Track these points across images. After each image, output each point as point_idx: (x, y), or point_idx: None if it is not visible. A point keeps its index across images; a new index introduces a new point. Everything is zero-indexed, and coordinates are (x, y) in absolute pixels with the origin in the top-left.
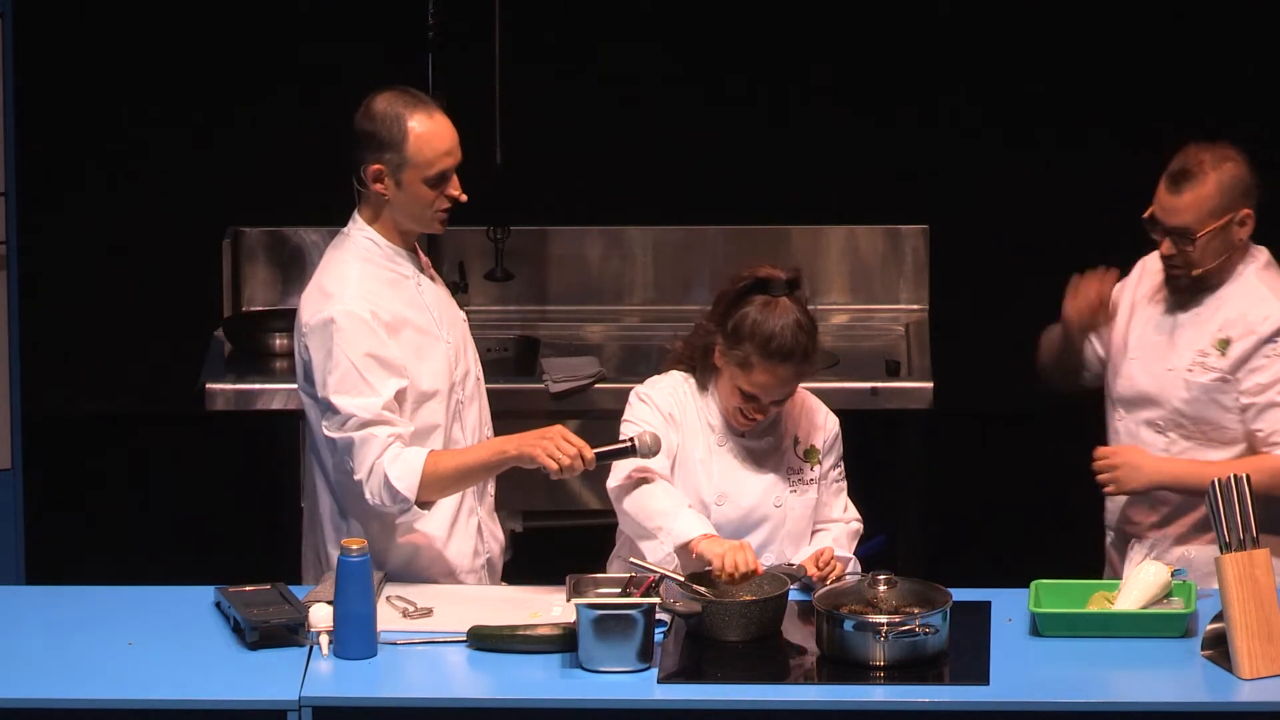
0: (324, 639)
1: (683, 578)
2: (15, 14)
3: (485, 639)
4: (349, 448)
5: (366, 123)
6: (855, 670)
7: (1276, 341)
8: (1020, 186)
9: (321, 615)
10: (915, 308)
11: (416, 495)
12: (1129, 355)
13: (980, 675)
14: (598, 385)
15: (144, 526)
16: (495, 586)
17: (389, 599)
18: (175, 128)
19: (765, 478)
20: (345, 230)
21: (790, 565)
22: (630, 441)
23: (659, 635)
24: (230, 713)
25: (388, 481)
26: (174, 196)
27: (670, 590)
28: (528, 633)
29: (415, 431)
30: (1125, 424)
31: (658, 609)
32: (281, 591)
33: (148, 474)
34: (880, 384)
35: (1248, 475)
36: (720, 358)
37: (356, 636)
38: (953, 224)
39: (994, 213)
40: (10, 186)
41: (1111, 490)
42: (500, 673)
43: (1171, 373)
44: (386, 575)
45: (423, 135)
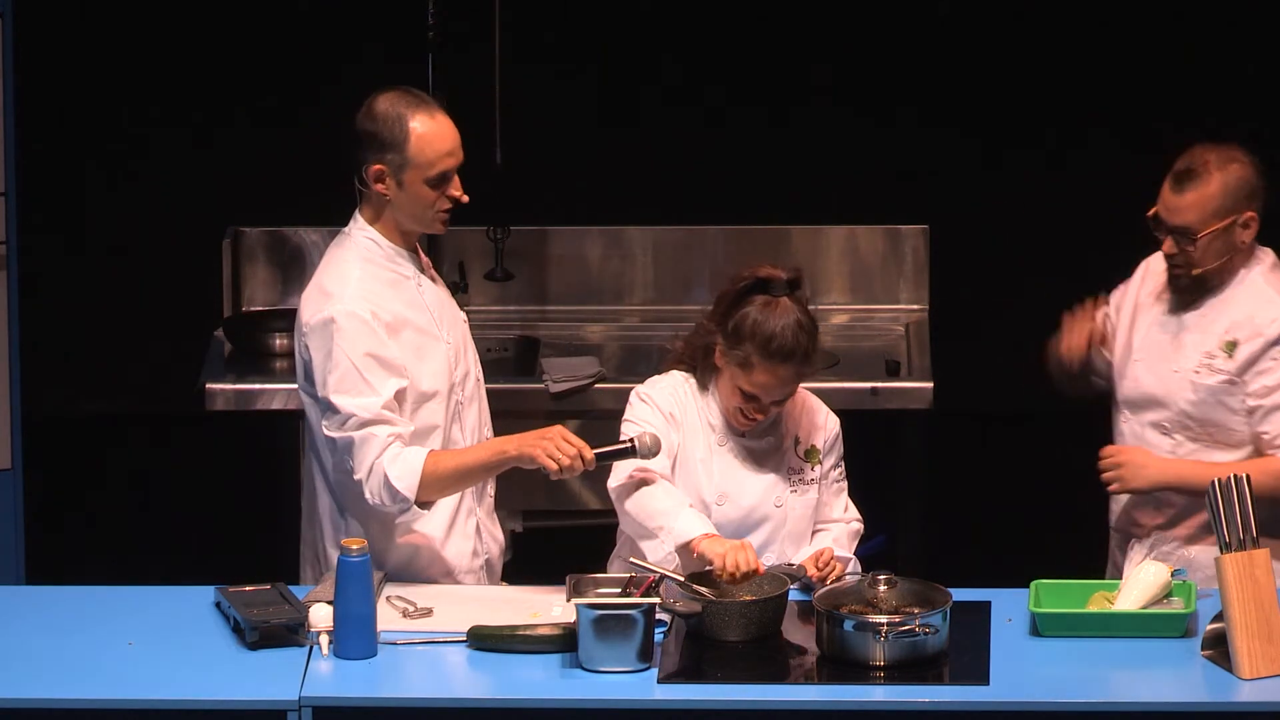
0: (324, 639)
1: (683, 578)
2: (15, 14)
3: (485, 639)
4: (349, 447)
5: (368, 123)
6: (855, 670)
7: None
8: (1020, 186)
9: (321, 615)
10: (915, 308)
11: (416, 495)
12: (1134, 357)
13: (980, 675)
14: (598, 385)
15: (144, 526)
16: (495, 586)
17: (389, 599)
18: (175, 128)
19: (766, 478)
20: (346, 230)
21: (790, 565)
22: (630, 442)
23: (659, 635)
24: (230, 713)
25: (387, 481)
26: (174, 196)
27: (670, 590)
28: (528, 633)
29: (414, 432)
30: (1131, 426)
31: (658, 609)
32: (281, 591)
33: (148, 474)
34: (880, 384)
35: (1248, 475)
36: (721, 358)
37: (356, 636)
38: (953, 224)
39: (994, 213)
40: (10, 186)
41: (1115, 489)
42: (500, 673)
43: (1178, 374)
44: (386, 575)
45: (424, 136)
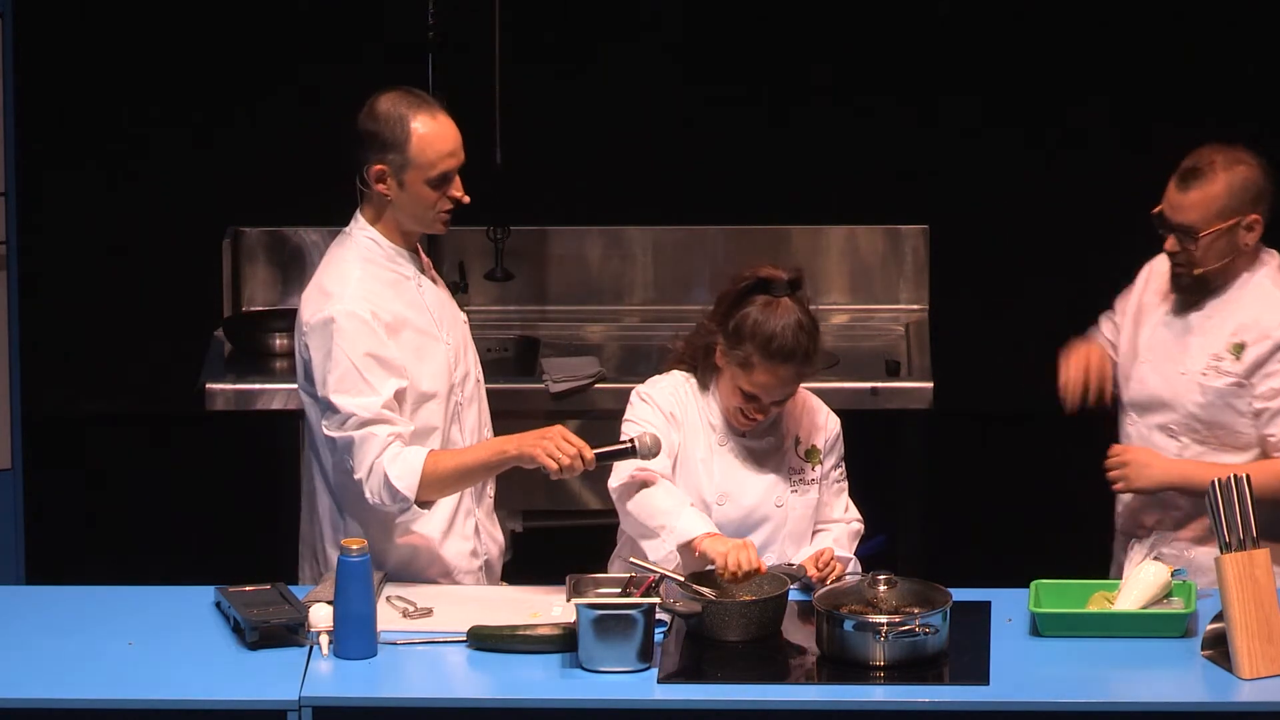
0: (324, 639)
1: (683, 577)
2: (15, 14)
3: (485, 639)
4: (349, 447)
5: (370, 123)
6: (855, 670)
7: None
8: (1020, 186)
9: (321, 615)
10: (915, 308)
11: (416, 494)
12: (1140, 359)
13: (980, 675)
14: (598, 385)
15: (144, 526)
16: (495, 586)
17: (389, 599)
18: (175, 128)
19: (766, 478)
20: (347, 230)
21: (791, 565)
22: (630, 442)
23: (659, 635)
24: (230, 713)
25: (387, 481)
26: (174, 196)
27: (670, 590)
28: (528, 633)
29: (414, 433)
30: (1137, 428)
31: (658, 609)
32: (281, 591)
33: (148, 474)
34: (880, 384)
35: (1248, 476)
36: (721, 357)
37: (356, 636)
38: (953, 224)
39: (994, 213)
40: (10, 186)
41: (1121, 489)
42: (500, 673)
43: (1184, 376)
44: (386, 575)
45: (426, 136)
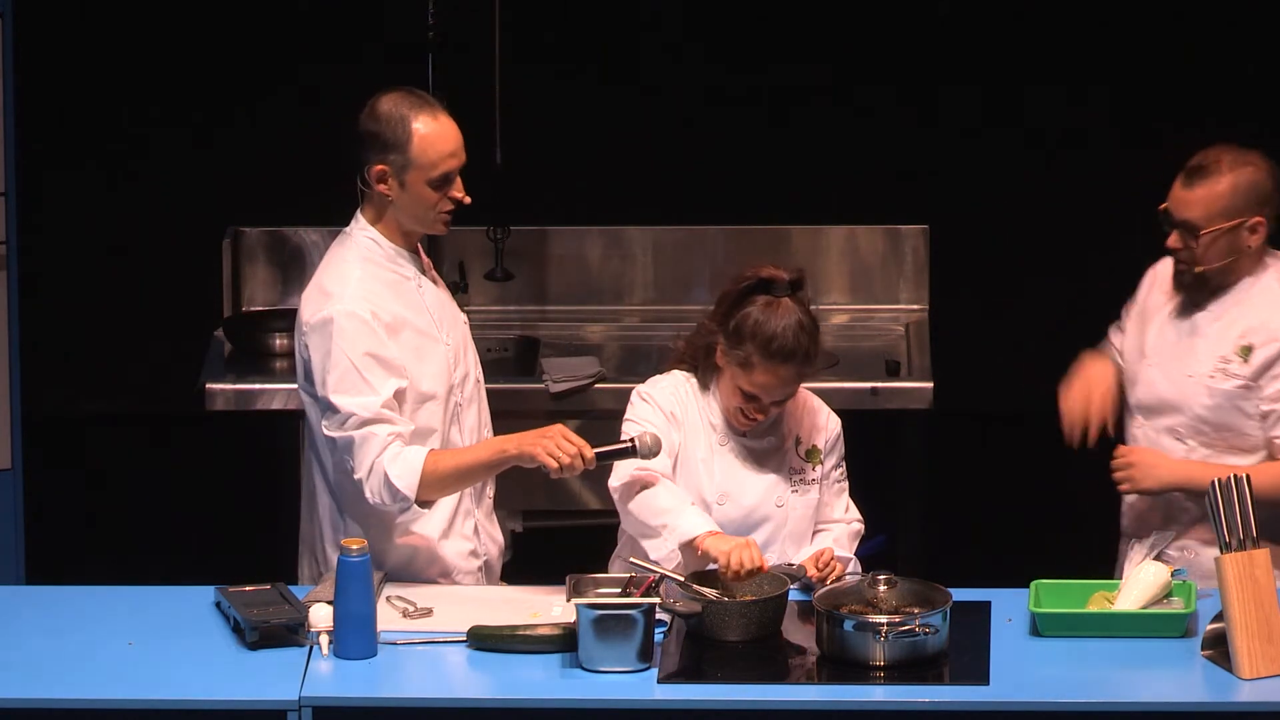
0: (324, 639)
1: (683, 577)
2: (15, 14)
3: (485, 639)
4: (349, 446)
5: (371, 123)
6: (855, 670)
7: None
8: (1020, 186)
9: (321, 615)
10: (915, 308)
11: (416, 494)
12: (1147, 361)
13: (980, 675)
14: (598, 385)
15: (144, 526)
16: (495, 587)
17: (389, 599)
18: (175, 128)
19: (767, 477)
20: (347, 230)
21: (791, 565)
22: (631, 442)
23: (659, 635)
24: (230, 713)
25: (388, 480)
26: (174, 196)
27: (670, 590)
28: (528, 633)
29: (413, 434)
30: (1144, 431)
31: (658, 609)
32: (281, 591)
33: (148, 474)
34: (880, 384)
35: (1248, 476)
36: (722, 357)
37: (356, 636)
38: (953, 224)
39: (994, 213)
40: (10, 186)
41: (1126, 489)
42: (500, 673)
43: (1192, 379)
44: (386, 575)
45: (427, 137)
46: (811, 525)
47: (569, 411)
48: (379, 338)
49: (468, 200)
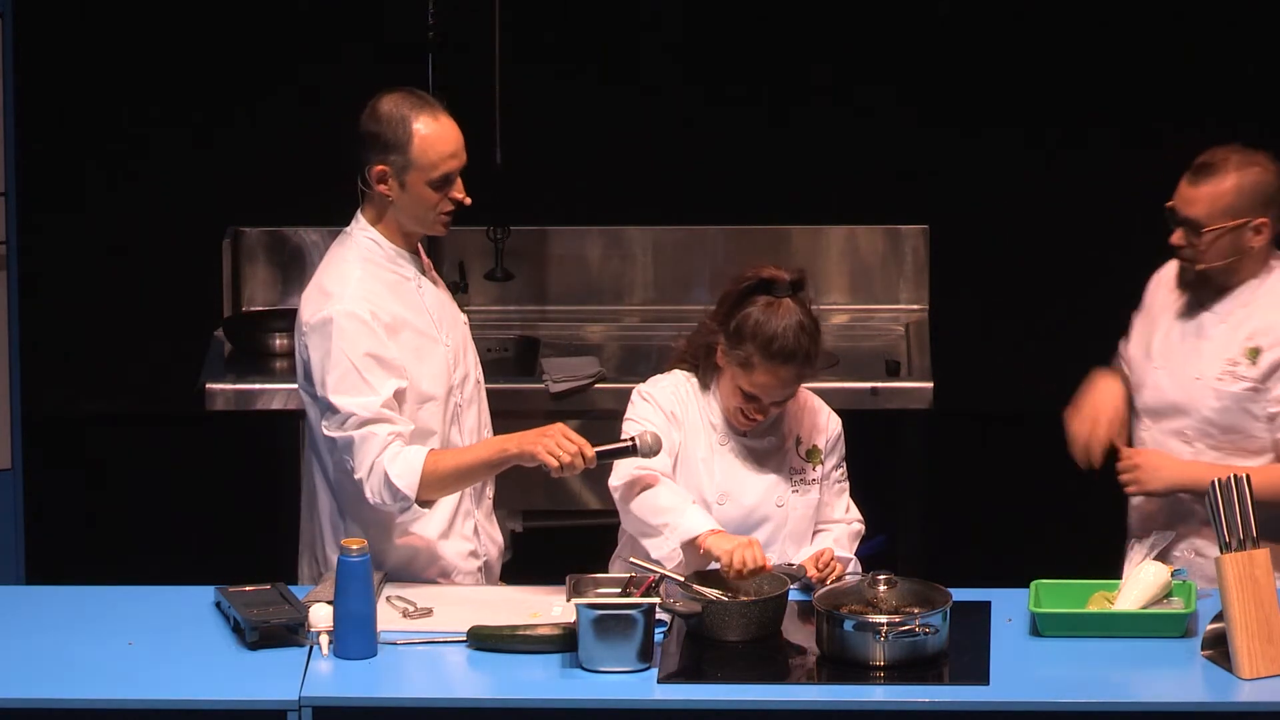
0: (324, 639)
1: (683, 577)
2: (15, 14)
3: (485, 639)
4: (349, 446)
5: (372, 124)
6: (855, 670)
7: None
8: (1020, 186)
9: (321, 615)
10: (915, 308)
11: (417, 493)
12: (1153, 364)
13: (980, 675)
14: (598, 385)
15: (144, 526)
16: (495, 587)
17: (389, 599)
18: (175, 128)
19: (767, 477)
20: (348, 230)
21: (791, 565)
22: (631, 440)
23: (659, 635)
24: (230, 713)
25: (388, 479)
26: (174, 196)
27: (670, 590)
28: (528, 633)
29: (413, 434)
30: (1151, 434)
31: (658, 609)
32: (281, 591)
33: (148, 474)
34: (880, 384)
35: (1248, 475)
36: (722, 357)
37: (356, 636)
38: (953, 224)
39: (994, 213)
40: (10, 186)
41: (1133, 491)
42: (500, 673)
43: (1199, 382)
44: (386, 575)
45: (428, 138)
46: (812, 525)
47: (569, 411)
48: (379, 338)
49: (468, 201)
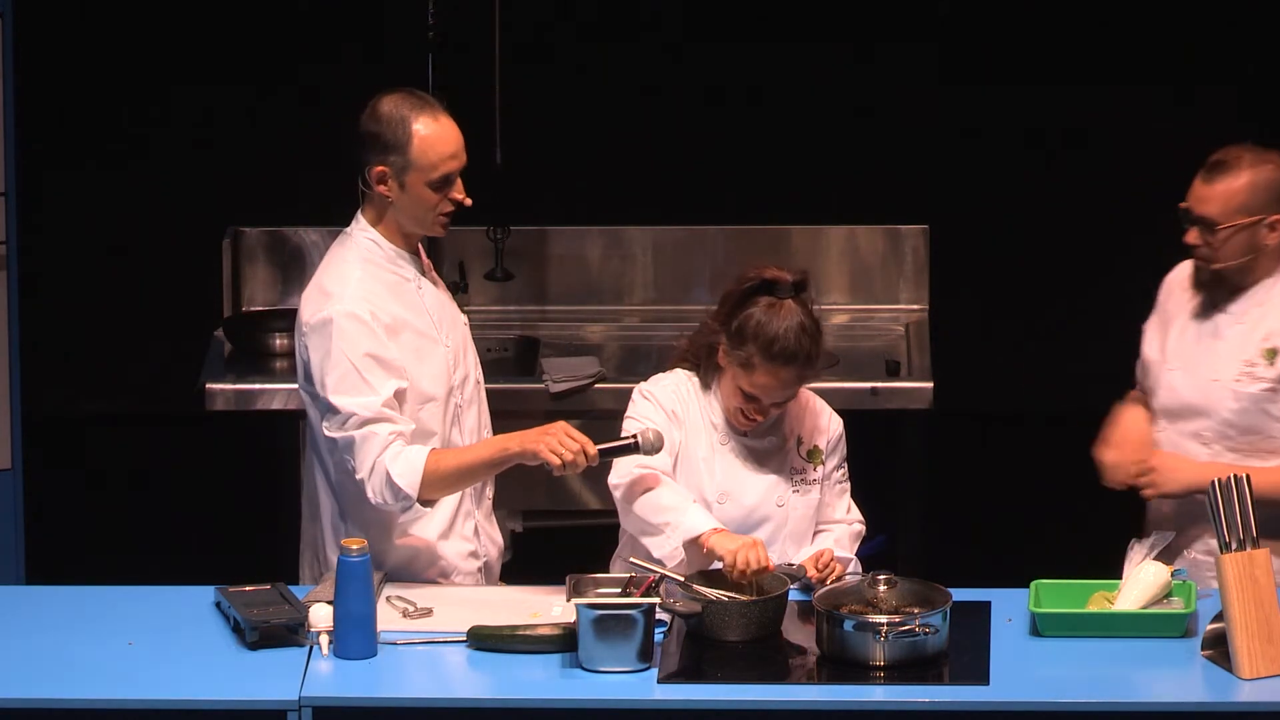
0: (324, 639)
1: (683, 577)
2: (15, 14)
3: (485, 639)
4: (350, 446)
5: (372, 124)
6: (855, 670)
7: None
8: (1020, 186)
9: (321, 615)
10: (915, 308)
11: (419, 493)
12: (1168, 366)
13: (980, 675)
14: (598, 385)
15: (144, 526)
16: (495, 587)
17: (389, 599)
18: (175, 128)
19: (768, 477)
20: (348, 230)
21: (791, 565)
22: (633, 438)
23: (659, 635)
24: (230, 713)
25: (390, 479)
26: (174, 196)
27: (670, 590)
28: (528, 633)
29: (413, 434)
30: (1168, 435)
31: (658, 609)
32: (281, 591)
33: (148, 474)
34: (880, 384)
35: (1248, 475)
36: (724, 357)
37: (356, 636)
38: (953, 224)
39: (994, 213)
40: (10, 186)
41: (1150, 494)
42: (500, 673)
43: (1217, 383)
44: (386, 575)
45: (427, 138)
46: (812, 525)
47: (569, 411)
48: (379, 338)
49: (468, 202)
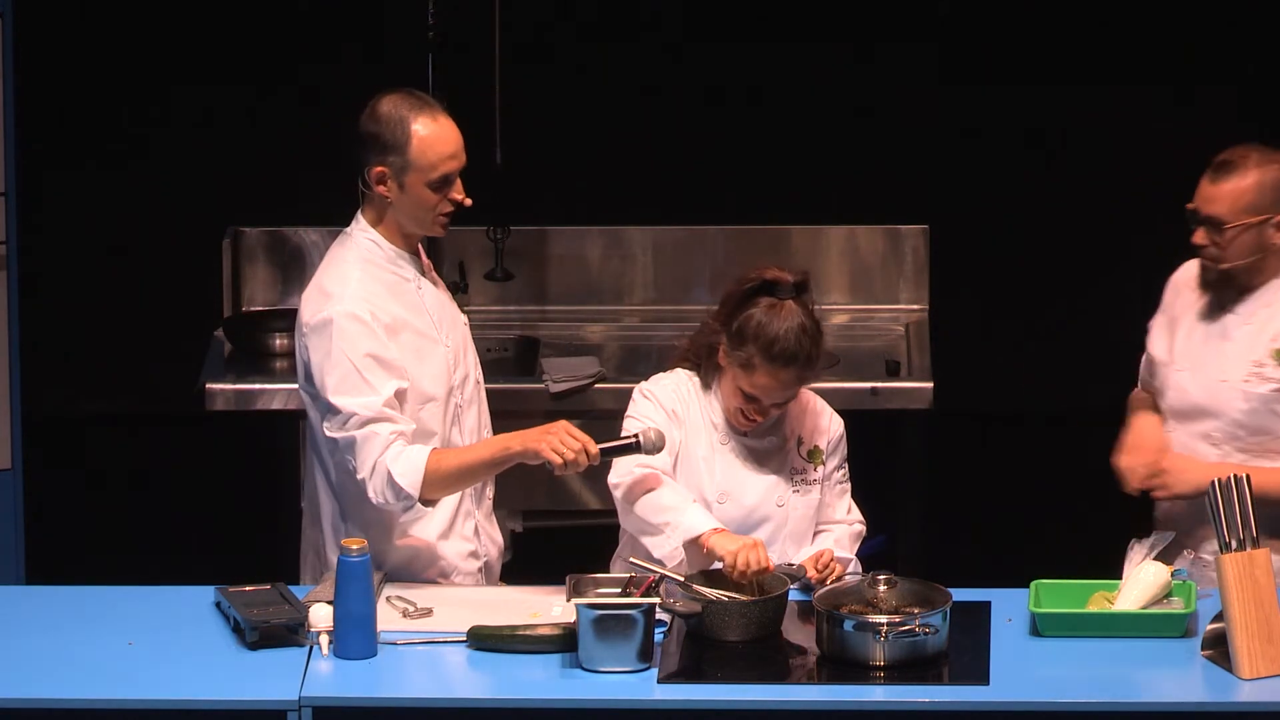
0: (324, 639)
1: (683, 577)
2: (15, 14)
3: (485, 639)
4: (351, 446)
5: (371, 124)
6: (855, 670)
7: None
8: (1020, 186)
9: (321, 615)
10: (915, 308)
11: (420, 492)
12: (1176, 367)
13: (980, 675)
14: (598, 385)
15: (144, 526)
16: (495, 587)
17: (389, 599)
18: (175, 128)
19: (768, 477)
20: (348, 230)
21: (791, 565)
22: (634, 437)
23: (659, 635)
24: (230, 713)
25: (391, 479)
26: (174, 196)
27: (670, 590)
28: (528, 633)
29: (413, 434)
30: (1177, 436)
31: (658, 609)
32: (281, 591)
33: (148, 474)
34: (880, 384)
35: (1248, 475)
36: (724, 357)
37: (356, 636)
38: (953, 224)
39: (994, 213)
40: (10, 186)
41: (1162, 496)
42: (500, 673)
43: (1226, 384)
44: (386, 575)
45: (427, 139)
46: (812, 526)
47: (569, 411)
48: (379, 339)
49: (468, 202)
